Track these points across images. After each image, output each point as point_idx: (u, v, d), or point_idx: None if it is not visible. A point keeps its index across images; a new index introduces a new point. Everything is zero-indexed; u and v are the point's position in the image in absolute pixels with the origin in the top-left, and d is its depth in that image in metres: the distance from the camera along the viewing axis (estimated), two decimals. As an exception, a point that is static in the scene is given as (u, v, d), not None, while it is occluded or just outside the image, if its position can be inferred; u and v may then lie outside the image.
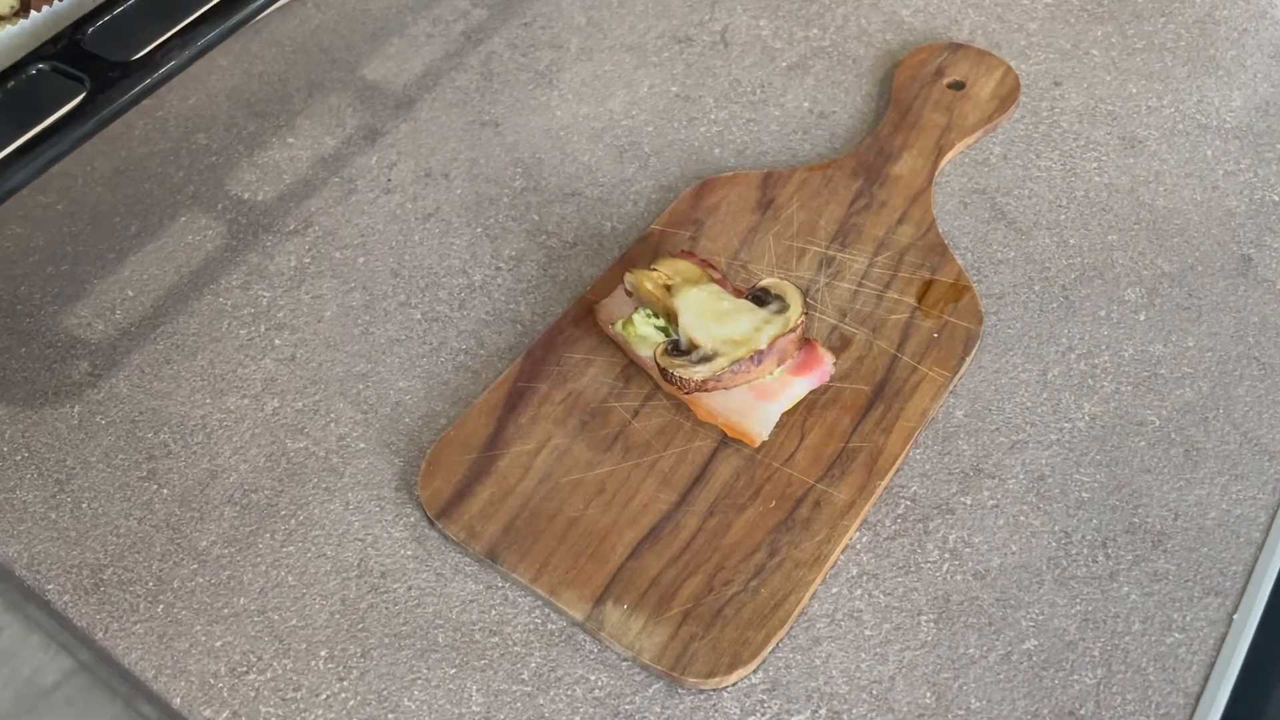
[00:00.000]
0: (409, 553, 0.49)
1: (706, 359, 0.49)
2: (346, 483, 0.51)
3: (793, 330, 0.49)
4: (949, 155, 0.62)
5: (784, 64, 0.68)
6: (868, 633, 0.47)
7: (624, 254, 0.58)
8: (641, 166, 0.62)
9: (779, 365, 0.50)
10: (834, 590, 0.48)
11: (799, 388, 0.50)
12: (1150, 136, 0.63)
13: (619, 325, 0.52)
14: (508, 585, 0.48)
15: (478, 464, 0.50)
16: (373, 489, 0.51)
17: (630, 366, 0.53)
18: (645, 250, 0.58)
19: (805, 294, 0.54)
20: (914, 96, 0.64)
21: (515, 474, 0.50)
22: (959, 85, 0.65)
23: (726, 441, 0.51)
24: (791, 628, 0.46)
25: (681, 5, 0.71)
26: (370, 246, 0.59)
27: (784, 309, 0.50)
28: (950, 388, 0.53)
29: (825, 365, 0.51)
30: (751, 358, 0.48)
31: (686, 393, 0.49)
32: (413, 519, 0.50)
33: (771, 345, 0.49)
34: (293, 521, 0.49)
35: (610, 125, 0.65)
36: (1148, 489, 0.50)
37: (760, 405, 0.49)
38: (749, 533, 0.48)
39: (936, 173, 0.61)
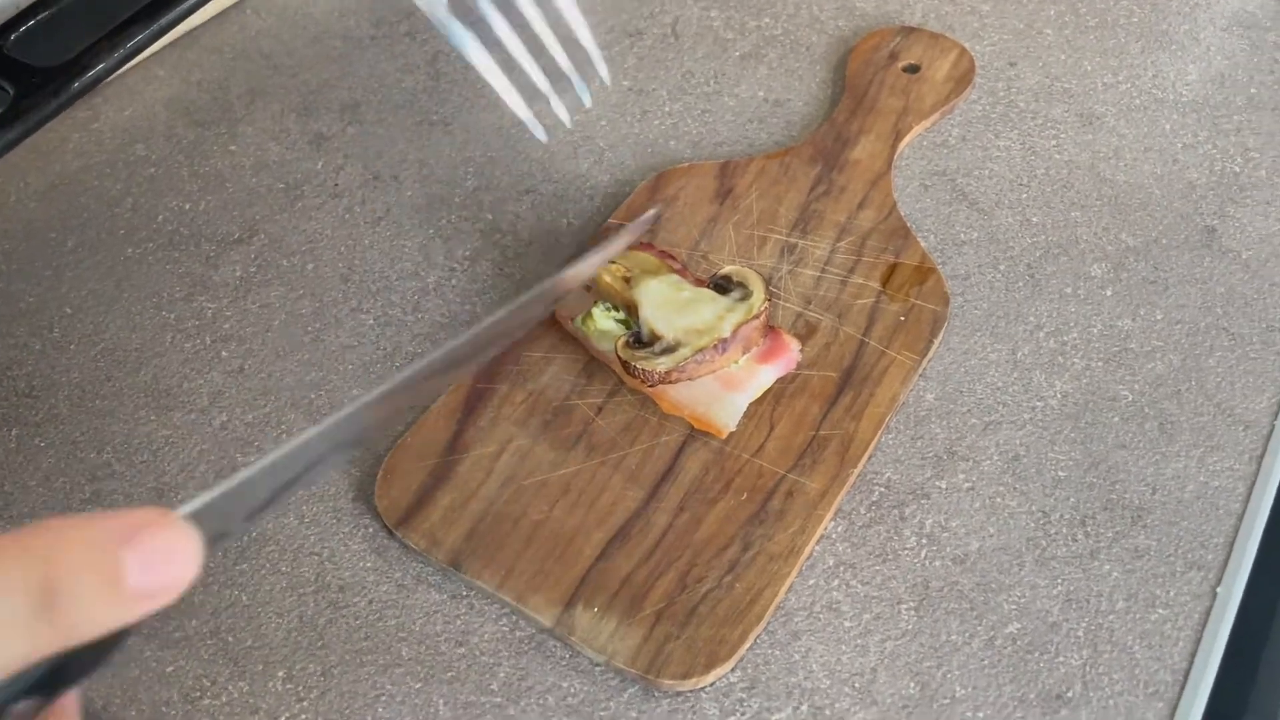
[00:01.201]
0: (368, 565, 0.47)
1: (669, 350, 0.47)
2: (300, 496, 0.49)
3: (756, 317, 0.48)
4: (907, 139, 0.61)
5: (736, 54, 0.67)
6: (847, 624, 0.45)
7: (580, 250, 0.56)
8: (596, 161, 0.61)
9: (744, 353, 0.48)
10: (811, 582, 0.46)
11: (765, 376, 0.49)
12: (1108, 113, 0.62)
13: (578, 320, 0.51)
14: (472, 594, 0.46)
15: (437, 470, 0.48)
16: (328, 501, 0.49)
17: (592, 363, 0.52)
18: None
19: (768, 281, 0.53)
20: (869, 81, 0.64)
21: (477, 478, 0.48)
22: (914, 69, 0.64)
23: (695, 435, 0.49)
24: (769, 623, 0.45)
25: (630, -1, 0.69)
26: (319, 252, 0.58)
27: (746, 296, 0.49)
28: (920, 371, 0.52)
29: (791, 352, 0.49)
30: (715, 346, 0.47)
31: (650, 385, 0.48)
32: (371, 530, 0.48)
33: (735, 333, 0.47)
34: (245, 538, 0.47)
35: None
36: (1124, 465, 0.49)
37: (727, 396, 0.48)
38: (721, 527, 0.47)
39: (895, 156, 0.60)
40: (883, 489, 0.49)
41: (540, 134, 0.48)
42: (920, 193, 0.59)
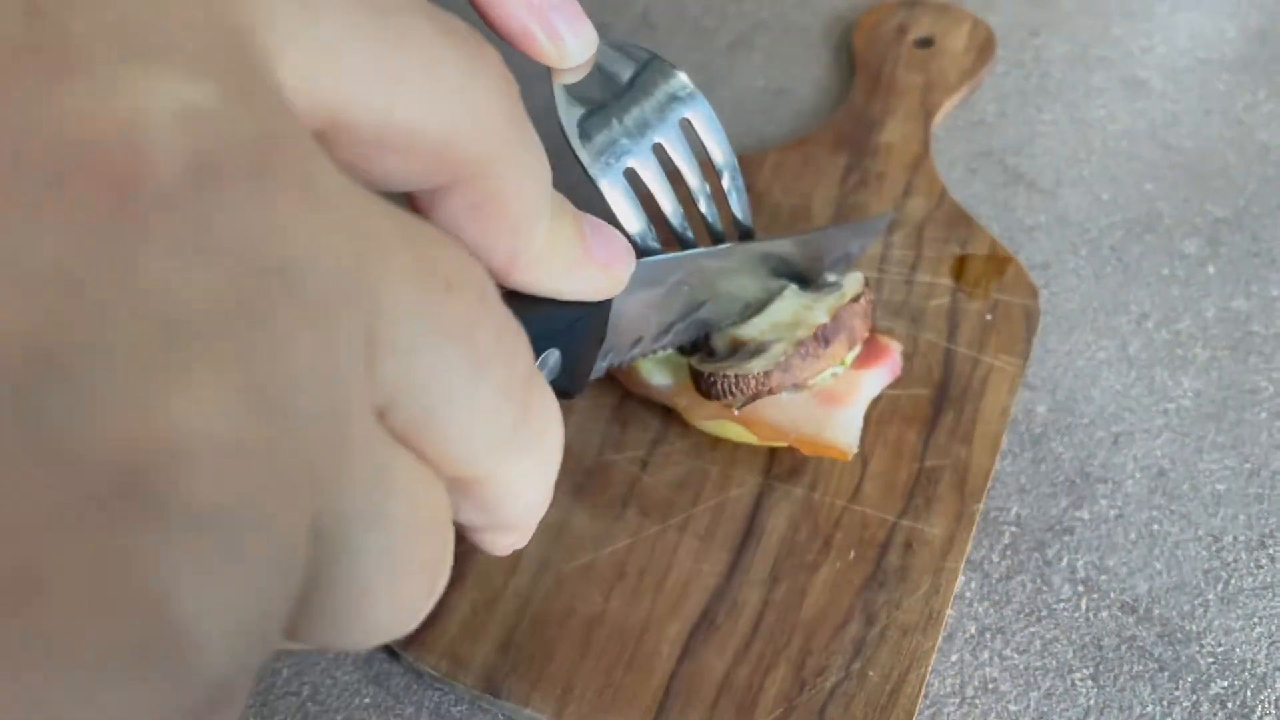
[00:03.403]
0: (367, 701, 0.35)
1: (759, 351, 0.36)
2: (262, 617, 0.36)
3: (857, 299, 0.37)
4: (938, 117, 0.52)
5: (722, 43, 0.57)
6: (1013, 708, 0.35)
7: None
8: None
9: (850, 350, 0.37)
10: (953, 658, 0.36)
11: (869, 385, 0.38)
12: (1152, 77, 0.55)
13: (617, 354, 0.40)
14: (517, 725, 0.34)
15: (446, 562, 0.36)
16: (301, 620, 0.36)
17: (624, 406, 0.41)
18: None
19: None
20: (880, 59, 0.55)
21: (501, 570, 0.36)
22: (927, 42, 0.56)
23: (771, 484, 0.38)
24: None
25: (587, -9, 0.60)
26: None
27: (835, 287, 0.38)
28: (1024, 377, 0.42)
29: (893, 355, 0.39)
30: (816, 337, 0.36)
31: (740, 406, 0.36)
32: (364, 653, 0.36)
33: (837, 319, 0.37)
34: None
35: (536, 123, 0.52)
36: (1289, 468, 0.40)
37: (835, 411, 0.37)
38: (832, 598, 0.36)
39: (930, 137, 0.51)
40: (1014, 528, 0.39)
41: None
42: (969, 177, 0.50)
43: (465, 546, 0.36)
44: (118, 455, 0.12)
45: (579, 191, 0.28)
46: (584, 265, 0.24)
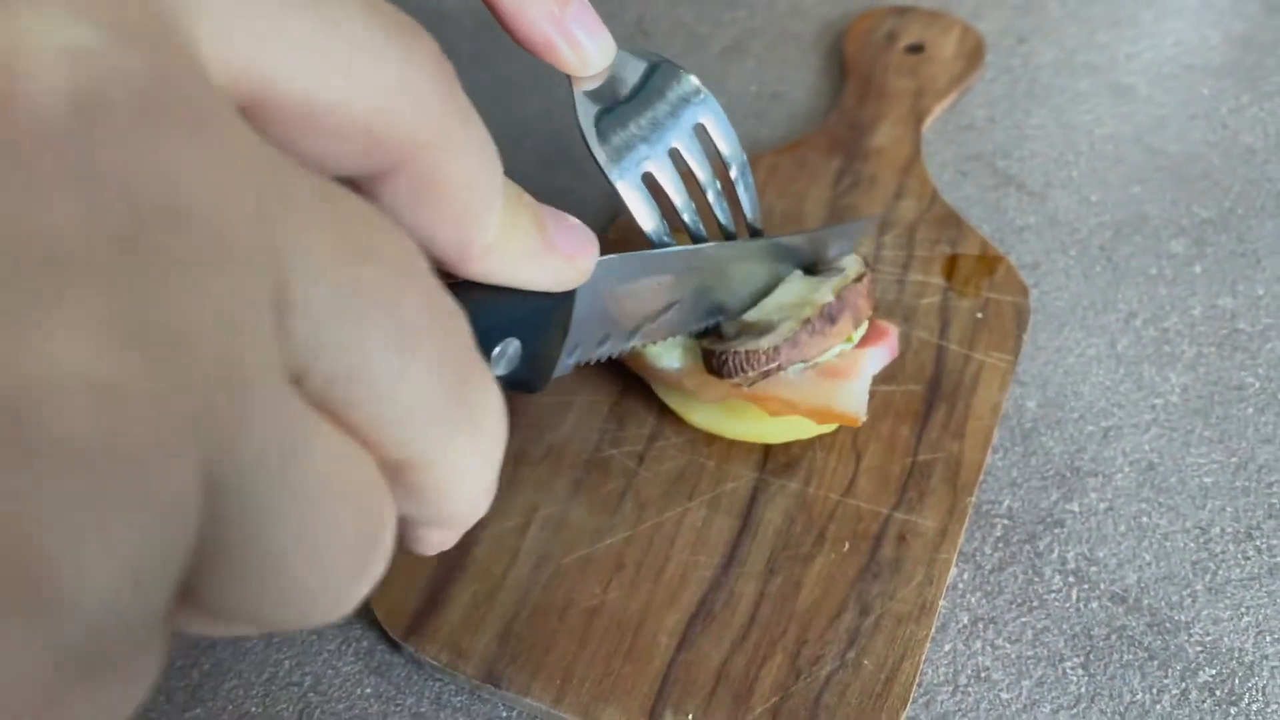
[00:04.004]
0: (369, 691, 0.35)
1: (768, 330, 0.37)
2: (264, 609, 0.37)
3: (859, 279, 0.38)
4: (928, 121, 0.53)
5: (716, 49, 0.58)
6: (1005, 696, 0.35)
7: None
8: (577, 173, 0.51)
9: (856, 328, 0.38)
10: (946, 648, 0.36)
11: (870, 363, 0.39)
12: (1138, 83, 0.56)
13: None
14: (517, 715, 0.35)
15: (448, 557, 0.37)
16: (303, 612, 0.37)
17: (622, 403, 0.41)
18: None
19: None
20: (871, 64, 0.56)
21: (501, 562, 0.37)
22: (917, 48, 0.57)
23: (766, 478, 0.39)
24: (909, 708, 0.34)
25: (583, -2, 0.61)
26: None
27: (836, 271, 0.39)
28: (1014, 374, 0.43)
29: (891, 336, 0.40)
30: (823, 314, 0.37)
31: (751, 384, 0.37)
32: (366, 644, 0.36)
33: (842, 297, 0.37)
34: (196, 673, 0.35)
35: (529, 132, 0.53)
36: (1275, 462, 0.41)
37: (842, 383, 0.38)
38: (827, 589, 0.36)
39: (921, 140, 0.52)
40: (1005, 521, 0.39)
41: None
42: (960, 179, 0.51)
43: (465, 539, 0.36)
44: None
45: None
46: (545, 255, 0.24)
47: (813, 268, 0.40)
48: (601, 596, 0.36)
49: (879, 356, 0.39)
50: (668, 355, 0.38)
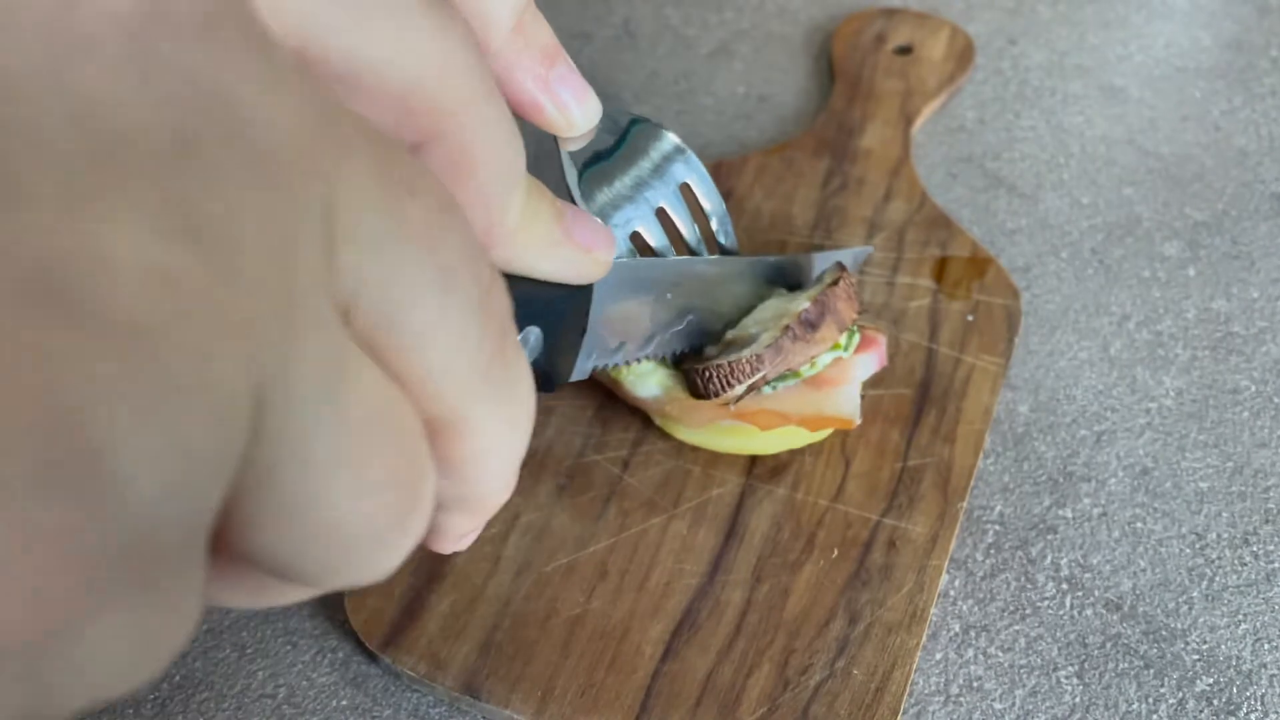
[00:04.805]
0: (344, 703, 0.34)
1: (747, 344, 0.36)
2: (236, 619, 0.36)
3: (835, 283, 0.37)
4: (918, 122, 0.53)
5: (703, 51, 0.57)
6: (998, 706, 0.34)
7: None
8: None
9: (841, 332, 0.37)
10: (937, 656, 0.35)
11: (859, 368, 0.38)
12: (1129, 85, 0.55)
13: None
14: (497, 727, 0.34)
15: (426, 566, 0.36)
16: (277, 621, 0.36)
17: (605, 408, 0.40)
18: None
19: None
20: (860, 65, 0.55)
21: (481, 571, 0.36)
22: (906, 50, 0.56)
23: (754, 484, 0.38)
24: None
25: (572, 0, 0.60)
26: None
27: (814, 283, 0.38)
28: (1006, 377, 0.42)
29: (880, 344, 0.39)
30: (801, 320, 0.35)
31: (737, 400, 0.36)
32: (342, 655, 0.35)
33: (821, 301, 0.36)
34: (166, 685, 0.34)
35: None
36: (1271, 467, 0.40)
37: (833, 389, 0.37)
38: (816, 597, 0.35)
39: (910, 142, 0.51)
40: (997, 527, 0.39)
41: None
42: (949, 181, 0.51)
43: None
44: (33, 256, 0.12)
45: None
46: (564, 245, 0.24)
47: (799, 288, 0.39)
48: (584, 605, 0.35)
49: (868, 363, 0.38)
50: (643, 384, 0.37)
